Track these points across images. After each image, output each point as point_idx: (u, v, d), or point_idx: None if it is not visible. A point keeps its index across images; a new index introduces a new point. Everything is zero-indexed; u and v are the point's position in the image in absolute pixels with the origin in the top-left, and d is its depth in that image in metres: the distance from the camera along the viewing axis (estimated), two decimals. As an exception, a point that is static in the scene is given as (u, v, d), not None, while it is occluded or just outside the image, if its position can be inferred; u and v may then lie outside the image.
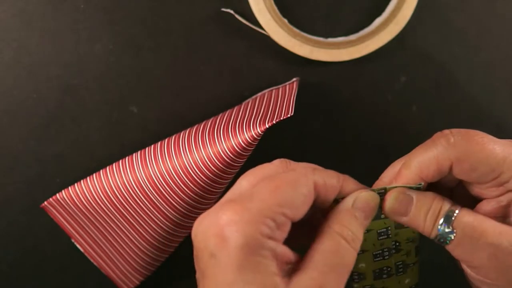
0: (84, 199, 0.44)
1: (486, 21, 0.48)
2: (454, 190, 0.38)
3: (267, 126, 0.40)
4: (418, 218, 0.35)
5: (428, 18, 0.48)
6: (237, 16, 0.46)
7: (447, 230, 0.34)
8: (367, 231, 0.36)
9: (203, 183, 0.42)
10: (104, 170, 0.45)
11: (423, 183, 0.36)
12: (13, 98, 0.47)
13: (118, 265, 0.47)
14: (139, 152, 0.44)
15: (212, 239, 0.31)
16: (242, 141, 0.40)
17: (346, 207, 0.34)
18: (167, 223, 0.44)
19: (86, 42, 0.46)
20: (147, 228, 0.45)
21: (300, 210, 0.32)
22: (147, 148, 0.44)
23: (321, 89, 0.48)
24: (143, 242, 0.46)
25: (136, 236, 0.45)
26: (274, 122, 0.40)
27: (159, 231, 0.45)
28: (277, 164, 0.35)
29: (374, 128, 0.49)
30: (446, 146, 0.34)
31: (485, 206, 0.35)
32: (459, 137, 0.34)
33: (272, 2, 0.45)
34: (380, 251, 0.37)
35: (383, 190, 0.36)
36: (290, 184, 0.32)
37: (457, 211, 0.34)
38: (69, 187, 0.45)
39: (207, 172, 0.42)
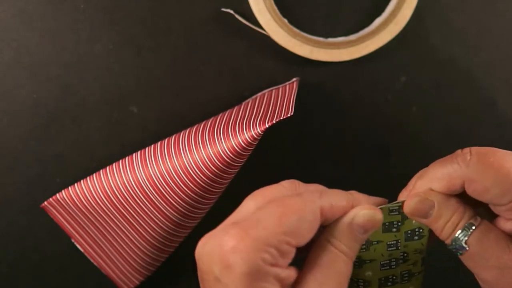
0: (84, 199, 0.44)
1: (486, 21, 0.48)
2: None
3: (267, 126, 0.40)
4: (438, 225, 0.35)
5: (428, 18, 0.48)
6: (237, 16, 0.46)
7: (461, 244, 0.34)
8: (377, 242, 0.36)
9: (203, 183, 0.42)
10: (104, 170, 0.45)
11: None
12: (13, 98, 0.47)
13: (118, 265, 0.47)
14: (139, 152, 0.44)
15: (217, 264, 0.31)
16: (242, 141, 0.40)
17: (346, 222, 0.35)
18: (167, 223, 0.44)
19: (86, 42, 0.46)
20: (147, 228, 0.45)
21: (305, 237, 0.32)
22: (147, 148, 0.44)
23: (321, 89, 0.48)
24: (143, 242, 0.46)
25: (136, 236, 0.45)
26: (274, 122, 0.40)
27: (159, 231, 0.45)
28: (286, 186, 0.35)
29: (374, 128, 0.49)
30: (461, 164, 0.34)
31: (502, 223, 0.35)
32: (476, 156, 0.34)
33: (272, 2, 0.45)
34: (388, 261, 0.38)
35: (397, 206, 0.36)
36: (296, 212, 0.32)
37: (474, 227, 0.34)
38: (69, 187, 0.45)
39: (207, 172, 0.42)
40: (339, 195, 0.35)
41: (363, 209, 0.35)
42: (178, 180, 0.42)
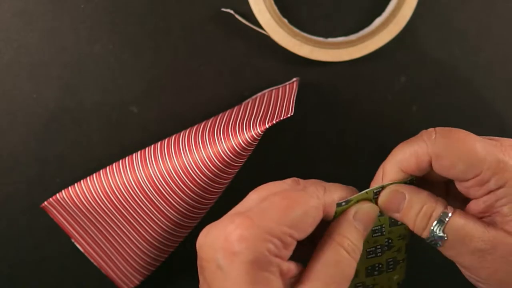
0: (84, 199, 0.45)
1: (486, 21, 0.48)
2: (449, 185, 0.38)
3: (267, 126, 0.40)
4: (409, 217, 0.36)
5: (428, 18, 0.48)
6: (237, 16, 0.46)
7: (439, 234, 0.34)
8: None
9: (203, 183, 0.42)
10: (104, 170, 0.45)
11: (413, 178, 0.36)
12: (13, 98, 0.47)
13: (118, 265, 0.47)
14: (139, 152, 0.44)
15: (221, 252, 0.31)
16: (242, 141, 0.40)
17: (348, 218, 0.35)
18: (167, 223, 0.44)
19: (86, 42, 0.46)
20: (147, 228, 0.45)
21: (307, 231, 0.33)
22: (147, 148, 0.44)
23: (321, 89, 0.48)
24: (143, 242, 0.46)
25: (136, 236, 0.45)
26: (274, 122, 0.40)
27: (159, 231, 0.45)
28: (288, 183, 0.35)
29: (374, 128, 0.49)
30: (426, 142, 0.35)
31: (474, 206, 0.35)
32: (441, 133, 0.35)
33: (272, 2, 0.45)
34: (373, 248, 0.38)
35: (380, 188, 0.36)
36: (301, 205, 0.33)
37: (449, 215, 0.35)
38: (69, 187, 0.45)
39: (207, 172, 0.42)
40: (340, 190, 0.36)
41: (364, 204, 0.36)
42: (178, 180, 0.42)
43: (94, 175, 0.45)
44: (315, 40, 0.46)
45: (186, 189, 0.42)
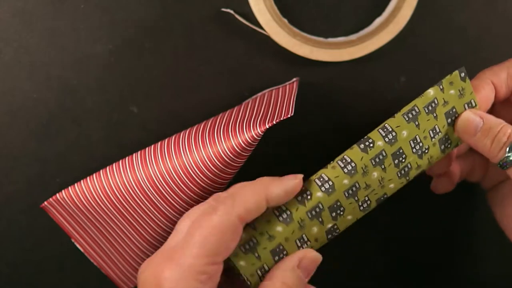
0: (84, 199, 0.45)
1: (486, 21, 0.48)
2: None
3: (267, 126, 0.40)
4: (487, 139, 0.38)
5: (428, 18, 0.48)
6: (237, 16, 0.46)
7: None
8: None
9: (203, 183, 0.42)
10: (104, 170, 0.45)
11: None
12: (13, 98, 0.47)
13: (118, 265, 0.47)
14: (139, 152, 0.44)
15: None
16: (242, 141, 0.40)
17: (292, 267, 0.37)
18: (167, 223, 0.44)
19: (86, 42, 0.46)
20: (147, 228, 0.45)
21: (230, 248, 0.35)
22: (147, 148, 0.44)
23: (321, 89, 0.48)
24: (143, 242, 0.46)
25: (136, 236, 0.45)
26: (274, 122, 0.40)
27: (159, 231, 0.45)
28: (209, 204, 0.36)
29: (374, 128, 0.49)
30: None
31: None
32: None
33: (272, 2, 0.45)
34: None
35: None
36: (215, 230, 0.34)
37: None
38: (69, 187, 0.45)
39: (207, 172, 0.42)
40: (249, 194, 0.36)
41: (309, 252, 0.37)
42: (178, 180, 0.42)
43: (94, 175, 0.45)
44: (315, 40, 0.46)
45: (186, 189, 0.42)
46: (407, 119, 0.39)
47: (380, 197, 0.40)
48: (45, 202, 0.46)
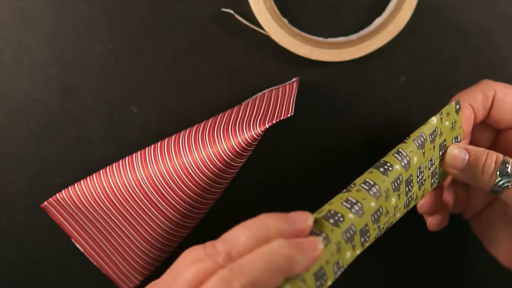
0: (84, 199, 0.45)
1: (486, 21, 0.48)
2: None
3: (267, 126, 0.40)
4: (477, 167, 0.39)
5: (428, 18, 0.48)
6: (237, 16, 0.46)
7: (505, 179, 0.38)
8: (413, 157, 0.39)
9: (203, 183, 0.42)
10: (104, 170, 0.45)
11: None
12: (13, 98, 0.47)
13: (118, 265, 0.47)
14: (139, 152, 0.44)
15: None
16: (242, 141, 0.40)
17: None
18: (167, 223, 0.44)
19: (86, 42, 0.46)
20: (147, 228, 0.45)
21: None
22: (147, 148, 0.44)
23: (321, 89, 0.48)
24: (143, 242, 0.46)
25: (136, 236, 0.45)
26: (274, 122, 0.40)
27: (159, 231, 0.45)
28: (206, 253, 0.32)
29: (374, 128, 0.49)
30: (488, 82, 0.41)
31: None
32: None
33: (272, 2, 0.45)
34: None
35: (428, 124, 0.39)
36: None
37: (510, 160, 0.38)
38: (69, 187, 0.45)
39: (207, 172, 0.42)
40: (266, 276, 0.31)
41: None
42: (178, 180, 0.42)
43: (94, 175, 0.45)
44: (315, 40, 0.46)
45: (186, 189, 0.42)
46: (417, 145, 0.38)
47: (389, 225, 0.38)
48: (45, 202, 0.46)
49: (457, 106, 0.40)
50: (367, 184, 0.36)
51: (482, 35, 0.48)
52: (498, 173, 0.38)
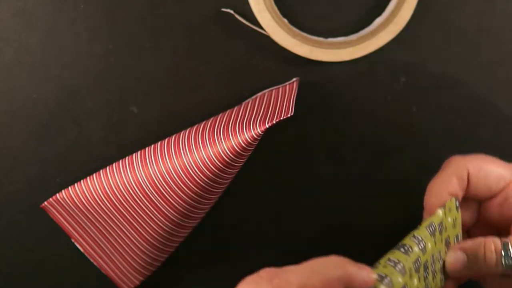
0: (84, 199, 0.45)
1: (486, 20, 0.48)
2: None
3: (267, 126, 0.40)
4: (479, 263, 0.38)
5: (428, 18, 0.48)
6: (237, 16, 0.46)
7: (510, 260, 0.37)
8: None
9: (203, 183, 0.42)
10: (104, 170, 0.45)
11: (457, 199, 0.40)
12: (13, 98, 0.47)
13: (118, 265, 0.47)
14: (139, 152, 0.44)
15: None
16: (242, 141, 0.40)
17: None
18: (167, 223, 0.44)
19: (86, 42, 0.46)
20: (147, 228, 0.45)
21: None
22: (147, 148, 0.44)
23: (321, 89, 0.48)
24: (143, 242, 0.46)
25: (136, 236, 0.45)
26: (274, 122, 0.40)
27: (159, 231, 0.45)
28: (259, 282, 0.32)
29: (374, 128, 0.49)
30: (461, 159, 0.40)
31: None
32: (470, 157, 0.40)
33: (272, 2, 0.45)
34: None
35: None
36: None
37: (508, 241, 0.37)
38: (69, 187, 0.45)
39: (207, 172, 0.42)
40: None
41: None
42: (178, 180, 0.42)
43: (94, 175, 0.45)
44: (315, 40, 0.46)
45: (186, 189, 0.42)
46: (429, 232, 0.38)
47: None
48: (45, 202, 0.46)
49: (457, 203, 0.40)
50: (392, 261, 0.36)
51: (482, 35, 0.48)
52: (502, 260, 0.37)
